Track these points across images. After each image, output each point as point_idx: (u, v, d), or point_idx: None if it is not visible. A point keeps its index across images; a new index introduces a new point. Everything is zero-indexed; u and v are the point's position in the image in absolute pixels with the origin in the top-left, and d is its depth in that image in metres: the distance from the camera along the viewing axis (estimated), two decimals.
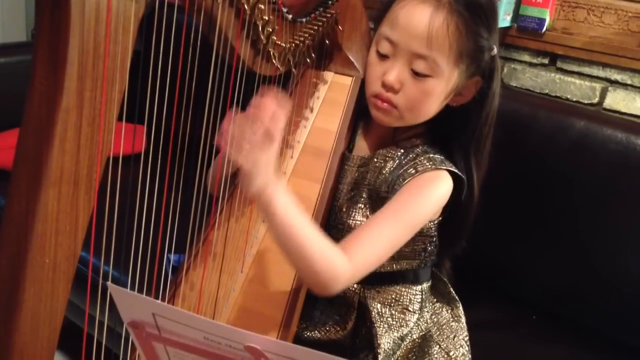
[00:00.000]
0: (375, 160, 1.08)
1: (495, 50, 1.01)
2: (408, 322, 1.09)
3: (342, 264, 0.89)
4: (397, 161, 1.06)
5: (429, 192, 1.00)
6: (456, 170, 1.02)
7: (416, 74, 0.98)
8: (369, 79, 1.05)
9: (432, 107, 1.02)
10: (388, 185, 1.03)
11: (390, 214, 0.97)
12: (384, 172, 1.06)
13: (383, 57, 1.01)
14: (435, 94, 1.00)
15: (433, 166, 1.01)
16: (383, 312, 1.07)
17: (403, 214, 0.97)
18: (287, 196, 0.84)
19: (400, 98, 1.00)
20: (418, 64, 0.97)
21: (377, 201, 1.04)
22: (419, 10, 0.96)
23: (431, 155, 1.03)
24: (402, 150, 1.07)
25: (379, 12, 1.07)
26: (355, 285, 1.08)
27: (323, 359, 0.52)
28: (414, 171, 1.01)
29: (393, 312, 1.08)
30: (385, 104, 1.02)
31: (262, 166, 0.78)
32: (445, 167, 1.02)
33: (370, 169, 1.08)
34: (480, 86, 1.04)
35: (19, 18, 2.73)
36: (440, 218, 1.07)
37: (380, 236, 0.94)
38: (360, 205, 1.07)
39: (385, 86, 1.00)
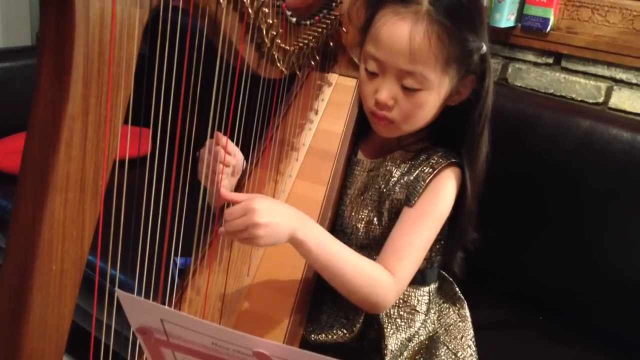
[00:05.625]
0: (387, 164, 1.09)
1: (484, 49, 0.99)
2: (415, 323, 1.09)
3: (387, 282, 0.95)
4: (409, 164, 1.07)
5: (447, 189, 1.03)
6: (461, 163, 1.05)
7: (407, 89, 0.98)
8: (363, 96, 1.05)
9: (428, 115, 1.02)
10: (403, 186, 1.04)
11: (417, 220, 1.01)
12: (395, 175, 1.07)
13: (372, 74, 1.01)
14: (428, 104, 1.00)
15: (447, 160, 1.04)
16: (391, 313, 1.07)
17: (429, 216, 1.01)
18: (317, 231, 0.90)
19: (395, 113, 1.01)
20: (407, 79, 0.97)
21: (387, 203, 1.05)
22: (399, 27, 0.94)
23: (442, 152, 1.05)
24: (412, 154, 1.08)
25: (362, 26, 1.06)
26: None
27: None
28: (430, 169, 1.03)
29: (401, 312, 1.08)
30: (382, 121, 1.03)
31: (276, 224, 0.84)
32: (455, 160, 1.05)
33: (381, 173, 1.09)
34: (475, 84, 1.03)
35: (23, 21, 2.73)
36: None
37: (414, 244, 1.00)
38: (369, 208, 1.08)
39: (379, 104, 1.00)
